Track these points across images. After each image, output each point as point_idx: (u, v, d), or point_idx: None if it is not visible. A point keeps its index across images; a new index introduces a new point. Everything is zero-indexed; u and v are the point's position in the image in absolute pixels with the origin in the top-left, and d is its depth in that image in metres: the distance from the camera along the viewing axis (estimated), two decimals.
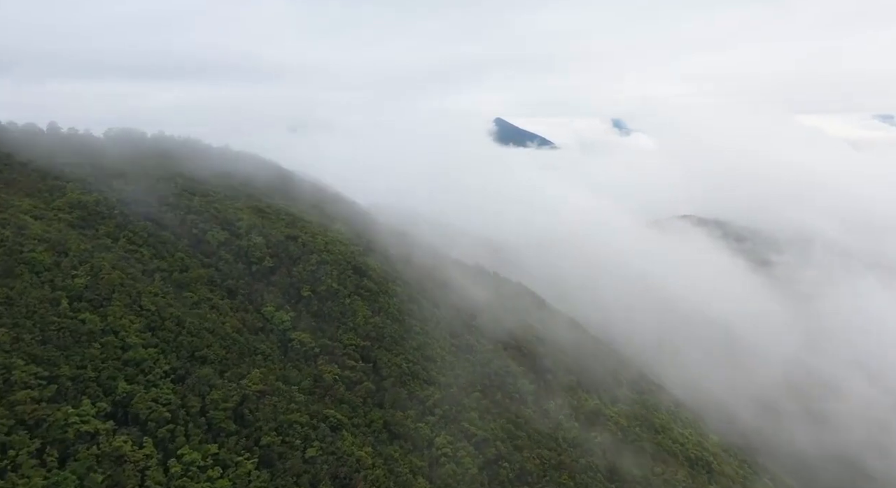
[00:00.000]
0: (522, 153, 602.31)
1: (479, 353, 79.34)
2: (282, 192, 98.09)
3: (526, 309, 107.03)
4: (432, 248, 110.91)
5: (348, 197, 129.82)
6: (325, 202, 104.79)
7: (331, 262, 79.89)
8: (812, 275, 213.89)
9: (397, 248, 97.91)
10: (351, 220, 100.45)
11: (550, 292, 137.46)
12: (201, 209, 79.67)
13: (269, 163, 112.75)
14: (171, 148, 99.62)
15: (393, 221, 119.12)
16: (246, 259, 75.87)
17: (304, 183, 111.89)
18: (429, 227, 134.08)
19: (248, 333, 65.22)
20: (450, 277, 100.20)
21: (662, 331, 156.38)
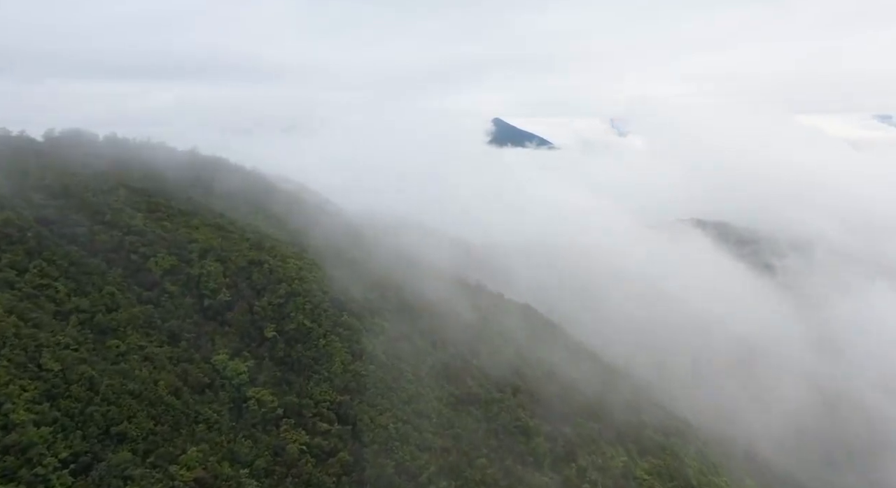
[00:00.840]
0: (520, 154, 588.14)
1: (483, 404, 64.25)
2: (252, 205, 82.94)
3: (532, 333, 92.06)
4: (427, 266, 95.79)
5: (335, 205, 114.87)
6: (304, 214, 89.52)
7: (303, 293, 64.69)
8: (818, 281, 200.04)
9: (386, 270, 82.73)
10: (333, 236, 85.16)
11: (548, 300, 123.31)
12: (145, 228, 64.37)
13: (241, 170, 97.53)
14: (125, 153, 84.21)
15: (383, 233, 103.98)
16: (197, 291, 60.62)
17: (282, 192, 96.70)
18: (421, 237, 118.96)
19: (191, 393, 50.07)
20: (447, 302, 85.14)
21: (669, 343, 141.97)
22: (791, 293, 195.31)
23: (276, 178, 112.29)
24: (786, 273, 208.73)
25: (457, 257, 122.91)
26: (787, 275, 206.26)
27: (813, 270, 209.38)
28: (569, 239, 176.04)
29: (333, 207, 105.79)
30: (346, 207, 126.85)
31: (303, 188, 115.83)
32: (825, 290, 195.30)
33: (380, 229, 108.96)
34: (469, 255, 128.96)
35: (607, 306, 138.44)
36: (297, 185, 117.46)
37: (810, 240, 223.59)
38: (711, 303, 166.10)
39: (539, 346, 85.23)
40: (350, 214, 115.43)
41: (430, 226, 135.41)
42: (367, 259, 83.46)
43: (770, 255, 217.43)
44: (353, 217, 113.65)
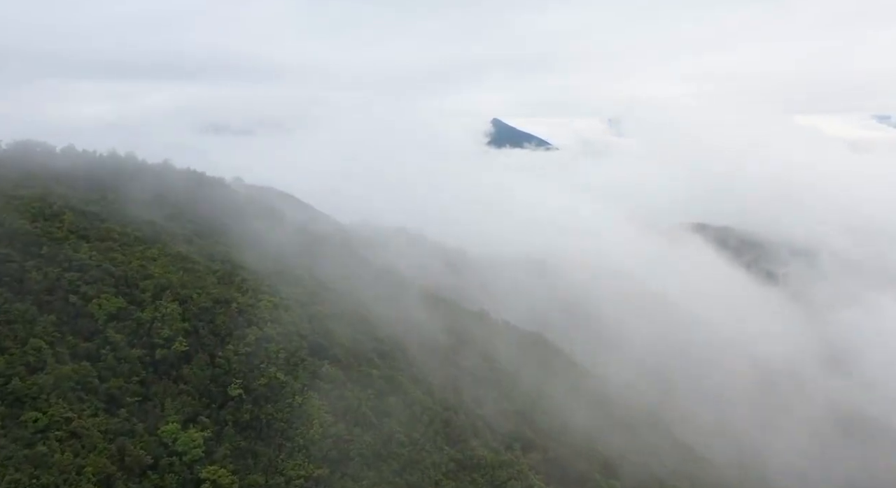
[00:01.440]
0: (519, 155, 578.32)
1: (490, 469, 53.88)
2: (225, 228, 72.35)
3: (543, 370, 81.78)
4: (423, 290, 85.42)
5: (323, 216, 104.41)
6: (287, 234, 79.00)
7: (278, 338, 54.31)
8: (824, 290, 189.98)
9: (376, 299, 72.31)
10: (318, 260, 74.70)
11: (547, 316, 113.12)
12: (90, 262, 53.93)
13: (218, 185, 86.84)
14: (82, 168, 73.66)
15: (373, 250, 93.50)
16: (147, 340, 50.20)
17: (263, 207, 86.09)
18: (415, 252, 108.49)
19: (126, 481, 39.77)
20: (447, 336, 74.93)
21: (674, 360, 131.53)
22: (797, 304, 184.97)
23: (260, 190, 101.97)
24: (790, 281, 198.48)
25: (453, 273, 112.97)
26: (792, 285, 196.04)
27: (817, 278, 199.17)
28: (567, 248, 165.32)
29: (321, 221, 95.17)
30: (337, 217, 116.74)
31: (289, 199, 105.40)
32: (831, 300, 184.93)
33: (370, 244, 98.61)
34: (466, 270, 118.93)
35: (608, 321, 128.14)
36: (283, 196, 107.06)
37: (812, 246, 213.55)
38: (718, 315, 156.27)
39: (551, 386, 74.91)
40: (338, 228, 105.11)
41: (425, 238, 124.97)
42: (355, 288, 72.97)
43: (773, 263, 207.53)
44: (341, 231, 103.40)
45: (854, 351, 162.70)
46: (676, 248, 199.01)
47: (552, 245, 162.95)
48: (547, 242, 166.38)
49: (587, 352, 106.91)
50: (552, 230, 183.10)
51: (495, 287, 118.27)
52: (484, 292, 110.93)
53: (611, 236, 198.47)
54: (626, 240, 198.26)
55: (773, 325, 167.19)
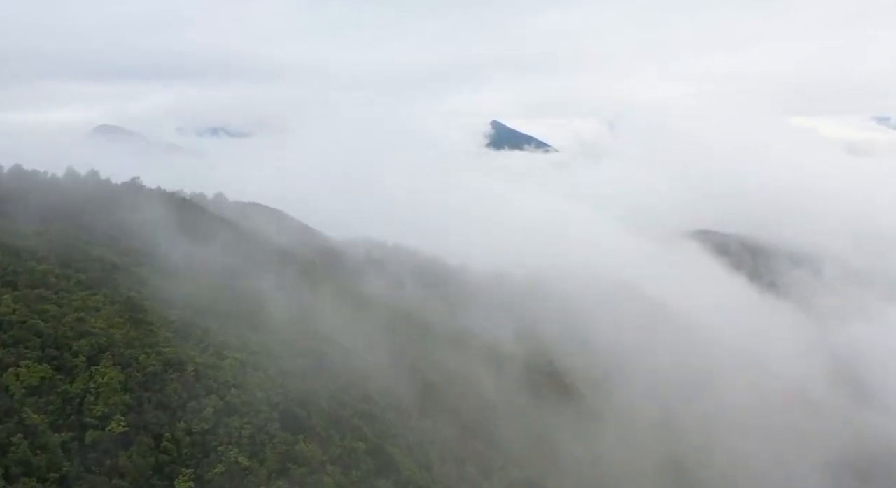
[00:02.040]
0: (518, 157, 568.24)
1: None
2: (193, 264, 61.69)
3: (550, 411, 71.88)
4: (415, 321, 75.17)
5: (311, 236, 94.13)
6: (266, 265, 68.59)
7: (243, 408, 44.20)
8: (828, 301, 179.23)
9: (364, 341, 62.16)
10: (299, 297, 64.40)
11: (547, 337, 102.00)
12: (14, 317, 43.80)
13: (191, 207, 76.12)
14: (28, 193, 63.00)
15: (364, 277, 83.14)
16: (77, 420, 40.17)
17: (245, 234, 75.47)
18: (409, 272, 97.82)
19: None
20: (443, 374, 64.93)
21: (679, 376, 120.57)
22: (803, 316, 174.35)
23: (244, 208, 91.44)
24: (794, 292, 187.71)
25: (447, 291, 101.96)
26: (797, 295, 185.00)
27: (822, 288, 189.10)
28: (564, 258, 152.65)
29: (309, 243, 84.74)
30: (330, 231, 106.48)
31: (276, 217, 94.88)
32: (838, 311, 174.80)
33: (361, 268, 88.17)
34: (460, 286, 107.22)
35: (608, 337, 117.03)
36: (270, 213, 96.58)
37: (814, 254, 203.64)
38: (723, 329, 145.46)
39: (563, 440, 64.76)
40: (327, 249, 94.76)
41: (419, 255, 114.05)
42: (340, 327, 62.73)
43: (776, 272, 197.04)
44: (330, 252, 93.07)
45: (866, 368, 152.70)
46: (677, 257, 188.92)
47: (549, 256, 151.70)
48: (543, 253, 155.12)
49: (590, 374, 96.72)
50: (548, 240, 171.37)
51: (489, 303, 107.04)
52: (478, 309, 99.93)
53: (609, 245, 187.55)
54: (625, 250, 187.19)
55: (781, 340, 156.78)
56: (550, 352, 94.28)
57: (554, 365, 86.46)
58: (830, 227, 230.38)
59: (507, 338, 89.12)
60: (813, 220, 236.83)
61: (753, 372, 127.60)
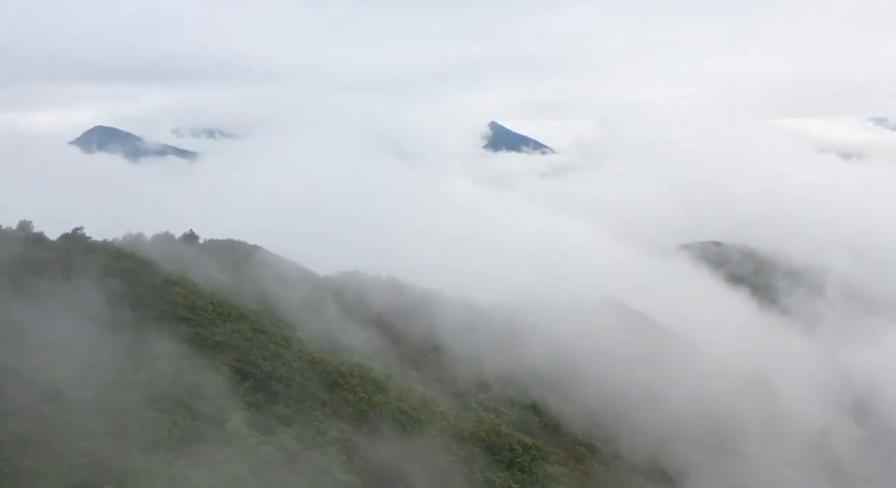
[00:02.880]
0: (516, 159, 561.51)
1: None
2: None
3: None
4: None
5: (294, 277, 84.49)
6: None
7: None
8: (835, 322, 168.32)
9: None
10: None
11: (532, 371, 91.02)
12: None
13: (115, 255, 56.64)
14: None
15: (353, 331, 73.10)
16: None
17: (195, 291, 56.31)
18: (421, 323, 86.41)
19: None
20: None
21: (684, 405, 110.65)
22: (811, 339, 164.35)
23: (217, 247, 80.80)
24: (799, 312, 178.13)
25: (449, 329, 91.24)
26: (802, 315, 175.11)
27: (826, 308, 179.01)
28: (558, 282, 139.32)
29: (289, 287, 74.76)
30: (318, 266, 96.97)
31: (254, 255, 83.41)
32: (845, 334, 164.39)
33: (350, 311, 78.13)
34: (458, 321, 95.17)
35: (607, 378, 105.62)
36: (247, 251, 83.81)
37: (817, 269, 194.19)
38: (734, 357, 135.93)
39: None
40: (320, 279, 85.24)
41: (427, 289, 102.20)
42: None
43: (779, 289, 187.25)
44: (324, 283, 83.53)
45: (881, 398, 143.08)
46: (676, 272, 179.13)
47: (538, 277, 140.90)
48: (532, 275, 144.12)
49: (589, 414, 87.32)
50: (541, 261, 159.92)
51: (478, 334, 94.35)
52: (466, 341, 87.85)
53: (603, 263, 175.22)
54: (621, 267, 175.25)
55: (789, 366, 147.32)
56: (537, 383, 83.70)
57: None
58: (831, 239, 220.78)
59: (495, 370, 78.82)
60: (819, 234, 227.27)
61: (770, 405, 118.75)
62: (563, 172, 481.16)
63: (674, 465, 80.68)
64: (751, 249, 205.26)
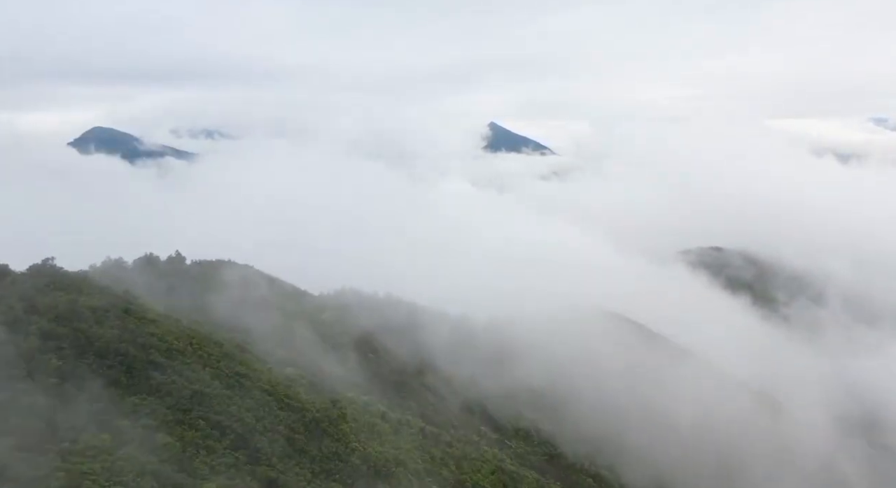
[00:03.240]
0: (514, 160, 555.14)
1: None
2: None
3: None
4: None
5: (281, 296, 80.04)
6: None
7: None
8: (838, 332, 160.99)
9: None
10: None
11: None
12: None
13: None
14: None
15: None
16: None
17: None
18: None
19: None
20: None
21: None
22: (816, 351, 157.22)
23: (199, 271, 75.67)
24: (800, 318, 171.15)
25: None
26: (805, 323, 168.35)
27: (828, 317, 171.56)
28: (562, 293, 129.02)
29: (270, 308, 70.30)
30: (311, 282, 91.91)
31: (240, 274, 78.81)
32: (845, 346, 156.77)
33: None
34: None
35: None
36: (232, 270, 78.06)
37: (819, 277, 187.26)
38: (739, 371, 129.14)
39: None
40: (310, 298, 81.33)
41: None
42: None
43: (781, 298, 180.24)
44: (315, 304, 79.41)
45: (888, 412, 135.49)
46: (675, 280, 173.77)
47: (539, 283, 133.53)
48: (534, 280, 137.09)
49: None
50: (538, 265, 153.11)
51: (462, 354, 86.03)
52: (461, 362, 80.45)
53: (604, 268, 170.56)
54: (619, 272, 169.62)
55: (796, 378, 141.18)
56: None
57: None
58: (832, 243, 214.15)
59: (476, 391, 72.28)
60: (814, 235, 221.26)
61: (776, 423, 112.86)
62: (563, 173, 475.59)
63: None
64: (751, 254, 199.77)
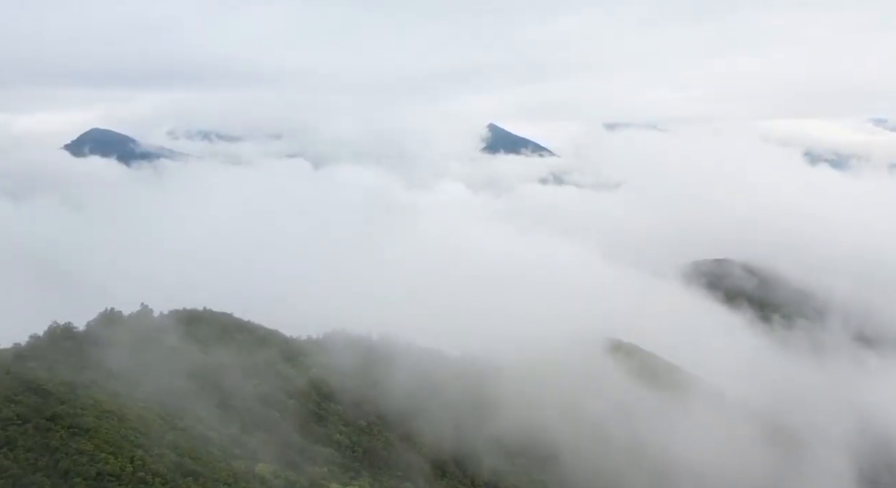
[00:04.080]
0: (513, 162, 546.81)
1: None
2: None
3: None
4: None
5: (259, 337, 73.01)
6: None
7: None
8: (845, 353, 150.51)
9: None
10: None
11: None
12: None
13: None
14: None
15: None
16: None
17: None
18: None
19: None
20: None
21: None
22: (821, 371, 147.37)
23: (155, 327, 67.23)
24: (806, 340, 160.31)
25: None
26: (809, 343, 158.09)
27: (830, 336, 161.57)
28: (555, 317, 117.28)
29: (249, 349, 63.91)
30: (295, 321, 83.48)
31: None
32: (852, 368, 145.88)
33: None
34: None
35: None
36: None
37: (821, 293, 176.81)
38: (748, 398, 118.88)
39: None
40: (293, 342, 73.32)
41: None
42: None
43: (782, 314, 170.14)
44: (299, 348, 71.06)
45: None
46: (675, 298, 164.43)
47: (529, 306, 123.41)
48: (524, 302, 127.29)
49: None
50: (529, 285, 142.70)
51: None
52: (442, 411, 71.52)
53: (599, 285, 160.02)
54: (614, 290, 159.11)
55: (807, 404, 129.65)
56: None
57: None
58: (834, 255, 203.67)
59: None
60: (815, 247, 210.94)
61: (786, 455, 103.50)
62: (561, 176, 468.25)
63: None
64: (752, 266, 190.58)
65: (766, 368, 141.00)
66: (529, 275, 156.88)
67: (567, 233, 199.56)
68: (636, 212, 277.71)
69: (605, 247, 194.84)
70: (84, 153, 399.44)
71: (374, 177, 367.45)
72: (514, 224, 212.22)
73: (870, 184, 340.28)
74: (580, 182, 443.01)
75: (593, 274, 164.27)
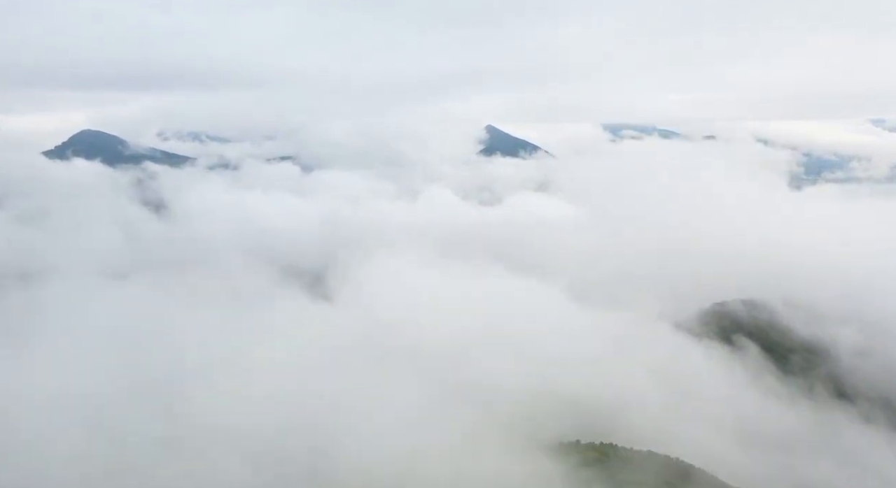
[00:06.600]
0: (510, 165, 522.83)
1: None
2: None
3: None
4: None
5: None
6: None
7: None
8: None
9: None
10: None
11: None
12: None
13: None
14: None
15: None
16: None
17: None
18: None
19: None
20: None
21: None
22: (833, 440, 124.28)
23: None
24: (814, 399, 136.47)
25: None
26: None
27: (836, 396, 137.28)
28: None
29: None
30: None
31: None
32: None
33: None
34: None
35: None
36: None
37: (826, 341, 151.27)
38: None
39: None
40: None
41: None
42: None
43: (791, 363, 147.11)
44: None
45: None
46: (673, 347, 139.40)
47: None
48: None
49: None
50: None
51: None
52: None
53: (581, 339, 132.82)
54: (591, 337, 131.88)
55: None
56: None
57: None
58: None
59: None
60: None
61: None
62: (556, 183, 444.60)
63: None
64: (755, 304, 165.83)
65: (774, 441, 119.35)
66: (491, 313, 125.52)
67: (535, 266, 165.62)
68: (619, 237, 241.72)
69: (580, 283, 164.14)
70: (67, 156, 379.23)
71: (360, 181, 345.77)
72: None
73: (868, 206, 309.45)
74: (573, 190, 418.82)
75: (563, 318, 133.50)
